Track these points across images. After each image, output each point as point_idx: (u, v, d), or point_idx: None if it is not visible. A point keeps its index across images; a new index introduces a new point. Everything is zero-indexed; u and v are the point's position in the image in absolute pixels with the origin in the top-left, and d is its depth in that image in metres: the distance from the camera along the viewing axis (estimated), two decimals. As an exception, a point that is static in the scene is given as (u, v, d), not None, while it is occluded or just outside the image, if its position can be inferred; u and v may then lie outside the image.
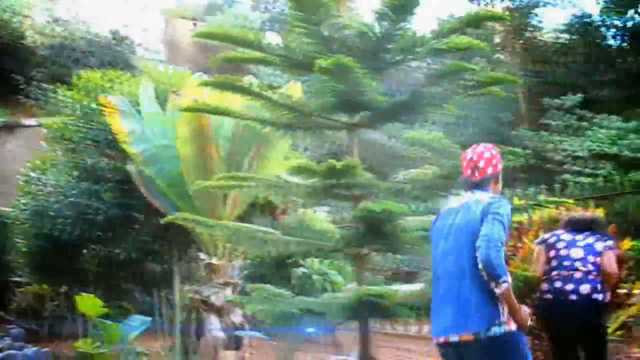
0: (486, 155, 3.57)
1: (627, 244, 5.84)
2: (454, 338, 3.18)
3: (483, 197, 3.38)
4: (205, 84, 5.17)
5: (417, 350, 8.97)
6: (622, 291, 5.79)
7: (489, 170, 3.53)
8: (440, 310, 3.30)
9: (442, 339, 3.25)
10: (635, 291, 5.99)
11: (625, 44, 22.25)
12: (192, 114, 7.45)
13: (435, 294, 3.37)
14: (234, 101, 7.43)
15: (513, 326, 3.12)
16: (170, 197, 8.35)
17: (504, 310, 3.11)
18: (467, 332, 3.13)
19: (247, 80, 5.24)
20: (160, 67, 10.41)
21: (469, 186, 3.55)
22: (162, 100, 9.01)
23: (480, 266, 3.06)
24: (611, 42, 22.92)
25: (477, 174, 3.52)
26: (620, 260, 5.73)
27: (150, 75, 9.58)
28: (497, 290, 3.04)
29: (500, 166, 3.65)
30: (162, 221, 4.99)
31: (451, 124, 23.73)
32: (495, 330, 3.08)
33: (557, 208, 5.93)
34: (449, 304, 3.23)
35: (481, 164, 3.53)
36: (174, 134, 7.95)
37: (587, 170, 18.01)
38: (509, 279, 3.06)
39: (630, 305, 6.02)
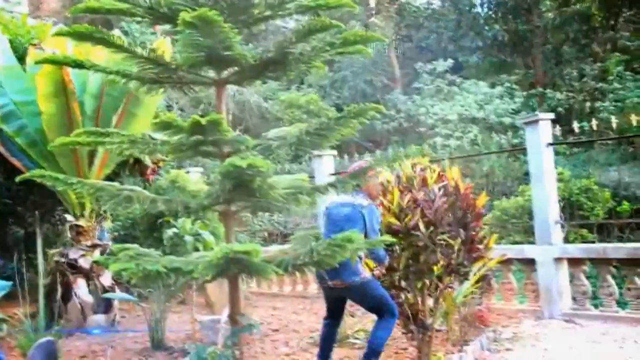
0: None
1: (481, 199, 6.08)
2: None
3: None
4: (62, 33, 4.86)
5: (290, 309, 9.11)
6: (480, 246, 6.07)
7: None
8: None
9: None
10: (492, 245, 6.29)
11: (491, 12, 23.12)
12: (54, 68, 7.08)
13: None
14: (101, 57, 7.14)
15: None
16: (32, 156, 7.93)
17: None
18: None
19: (113, 33, 4.96)
20: (18, 18, 9.69)
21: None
22: (22, 53, 8.47)
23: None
24: (479, 9, 23.75)
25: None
26: (478, 216, 6.02)
27: (7, 26, 8.93)
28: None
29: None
30: (17, 179, 4.69)
31: (327, 87, 24.07)
32: None
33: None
34: None
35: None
36: (35, 89, 7.50)
37: (457, 134, 18.69)
38: None
39: (488, 259, 6.32)
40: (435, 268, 5.61)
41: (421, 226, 5.29)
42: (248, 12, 4.99)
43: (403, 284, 5.70)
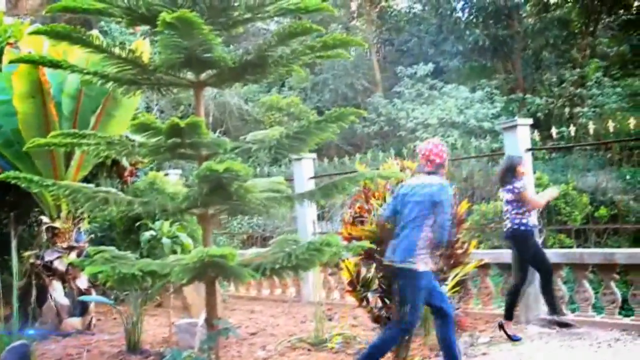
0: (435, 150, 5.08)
1: (463, 205, 6.15)
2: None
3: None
4: (39, 32, 4.82)
5: (268, 313, 9.09)
6: (459, 251, 6.12)
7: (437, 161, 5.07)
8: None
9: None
10: (472, 250, 6.35)
11: (472, 17, 23.26)
12: (30, 68, 7.01)
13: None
14: (79, 57, 7.09)
15: None
16: (7, 157, 7.84)
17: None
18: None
19: (90, 33, 4.92)
20: (-5, 16, 9.60)
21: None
22: (-2, 52, 8.38)
23: None
24: (460, 14, 23.88)
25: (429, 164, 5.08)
26: (459, 221, 6.08)
27: (-18, 25, 8.85)
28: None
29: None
30: (-9, 180, 4.65)
31: (308, 90, 24.10)
32: None
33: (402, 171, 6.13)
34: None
35: (432, 157, 5.04)
36: (11, 88, 7.43)
37: (437, 138, 18.70)
38: None
39: (466, 264, 6.36)
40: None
41: None
42: (227, 14, 4.99)
43: (382, 287, 5.74)
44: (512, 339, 6.49)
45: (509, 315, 6.67)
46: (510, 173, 6.70)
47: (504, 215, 6.77)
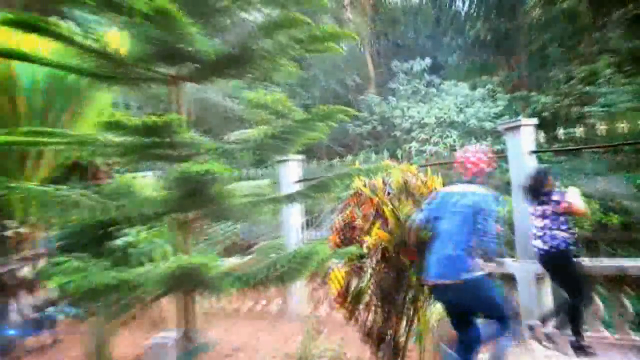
0: (472, 158, 5.23)
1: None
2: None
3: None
4: (4, 21, 4.77)
5: (251, 327, 9.05)
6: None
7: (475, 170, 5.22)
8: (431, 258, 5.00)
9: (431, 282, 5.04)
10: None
11: (472, 10, 23.31)
12: (-3, 60, 6.97)
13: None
14: (54, 49, 7.04)
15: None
16: (-31, 156, 7.79)
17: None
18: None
19: (61, 24, 4.88)
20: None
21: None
22: (-38, 44, 8.31)
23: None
24: (460, 6, 23.94)
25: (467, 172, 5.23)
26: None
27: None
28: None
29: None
30: (-48, 182, 4.60)
31: (296, 86, 24.03)
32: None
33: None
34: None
35: (469, 165, 5.21)
36: (-25, 83, 7.40)
37: (435, 139, 18.72)
38: None
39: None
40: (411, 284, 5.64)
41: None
42: (209, 3, 4.96)
43: (375, 300, 5.71)
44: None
45: (576, 330, 6.66)
46: (542, 187, 6.72)
47: (540, 233, 6.74)
